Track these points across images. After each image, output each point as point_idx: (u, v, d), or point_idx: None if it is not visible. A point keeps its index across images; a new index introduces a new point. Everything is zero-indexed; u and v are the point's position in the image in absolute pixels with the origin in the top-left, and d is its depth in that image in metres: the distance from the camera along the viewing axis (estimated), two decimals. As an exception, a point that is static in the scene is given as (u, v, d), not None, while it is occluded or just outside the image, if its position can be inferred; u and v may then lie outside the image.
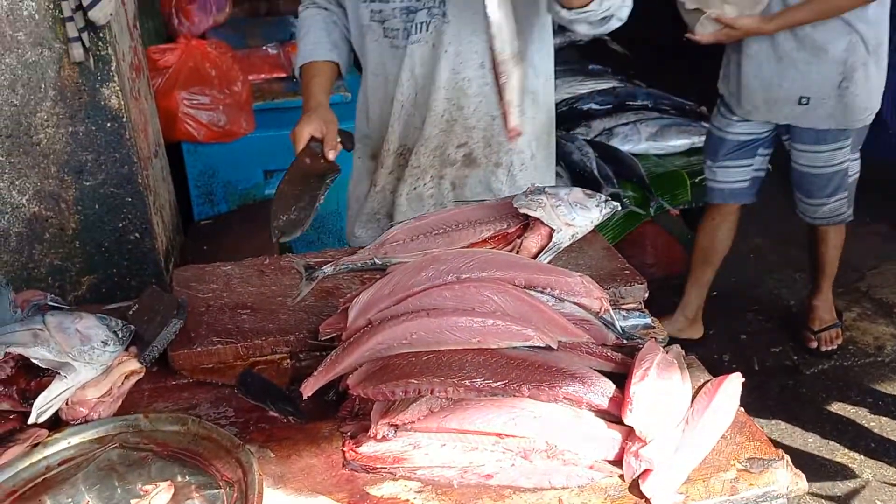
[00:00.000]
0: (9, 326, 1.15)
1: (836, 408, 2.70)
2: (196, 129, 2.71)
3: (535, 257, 1.39)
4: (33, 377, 1.15)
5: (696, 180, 3.03)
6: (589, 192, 1.47)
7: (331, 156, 1.62)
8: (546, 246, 1.40)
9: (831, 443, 2.55)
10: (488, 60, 1.49)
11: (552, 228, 1.39)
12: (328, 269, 1.46)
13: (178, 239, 2.46)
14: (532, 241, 1.41)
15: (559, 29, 4.79)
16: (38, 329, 1.13)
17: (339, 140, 1.66)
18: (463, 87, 1.70)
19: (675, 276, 3.49)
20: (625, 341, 1.22)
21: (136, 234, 2.09)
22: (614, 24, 1.56)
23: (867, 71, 2.54)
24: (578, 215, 1.42)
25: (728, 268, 3.44)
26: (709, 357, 2.91)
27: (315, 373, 1.14)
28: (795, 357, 2.96)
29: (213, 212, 2.80)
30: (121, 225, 2.07)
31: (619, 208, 1.53)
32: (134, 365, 1.20)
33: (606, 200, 1.45)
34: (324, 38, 1.76)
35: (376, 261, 1.46)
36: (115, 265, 2.11)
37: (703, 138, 3.26)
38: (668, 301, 3.30)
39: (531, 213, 1.39)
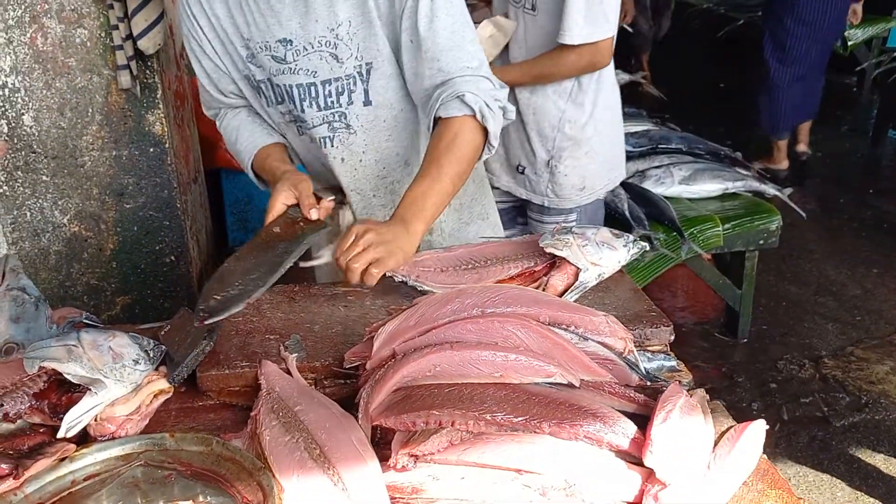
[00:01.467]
0: (44, 342, 1.18)
1: (867, 461, 2.64)
2: (231, 159, 2.77)
3: (561, 295, 1.40)
4: (64, 392, 1.18)
5: (729, 225, 3.01)
6: (616, 231, 1.48)
7: (313, 214, 1.48)
8: (572, 284, 1.41)
9: (861, 496, 2.49)
10: (413, 156, 1.59)
11: (578, 268, 1.40)
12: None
13: (211, 264, 2.50)
14: (558, 280, 1.42)
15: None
16: (73, 345, 1.16)
17: (331, 198, 1.55)
18: (394, 188, 1.67)
19: (706, 322, 3.47)
20: (648, 383, 1.22)
21: (172, 258, 2.14)
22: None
23: (575, 154, 2.28)
24: (605, 255, 1.42)
25: (759, 315, 3.42)
26: (738, 405, 2.88)
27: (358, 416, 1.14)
28: (826, 408, 2.90)
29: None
30: (157, 248, 2.12)
31: (647, 248, 1.53)
32: (163, 384, 1.23)
33: (634, 241, 1.46)
34: (257, 129, 1.67)
35: (407, 281, 1.45)
36: (150, 287, 2.15)
37: (737, 183, 3.26)
38: (699, 347, 3.28)
39: (557, 253, 1.40)
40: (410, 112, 1.60)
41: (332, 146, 1.61)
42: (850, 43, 6.00)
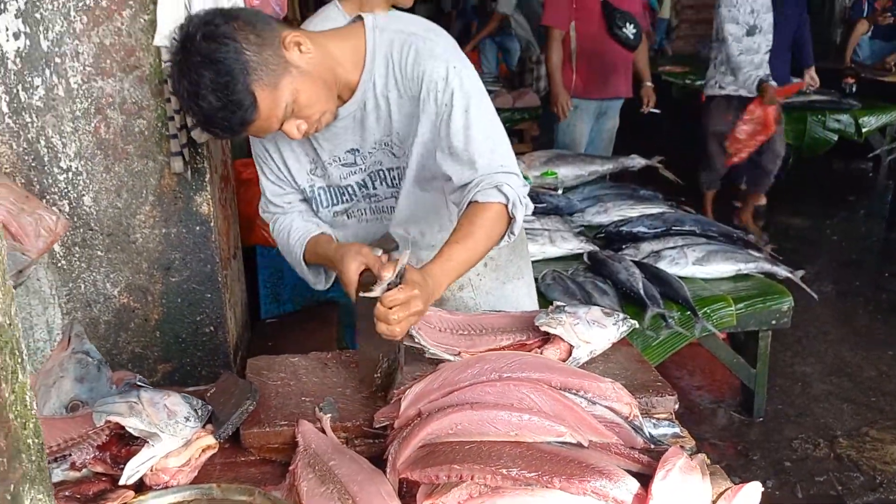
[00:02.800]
0: (109, 398, 1.32)
1: (882, 541, 2.67)
2: (269, 236, 2.95)
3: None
4: (124, 445, 1.32)
5: (742, 305, 3.12)
6: (607, 310, 1.62)
7: (386, 275, 1.56)
8: (565, 360, 1.54)
9: (876, 577, 2.52)
10: (427, 231, 1.80)
11: (571, 345, 1.53)
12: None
13: (245, 334, 2.64)
14: (552, 354, 1.54)
15: (612, 154, 5.03)
16: (134, 402, 1.30)
17: (381, 252, 1.66)
18: (417, 240, 1.86)
19: (722, 401, 3.54)
20: (652, 446, 1.33)
21: (211, 328, 2.28)
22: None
23: None
24: (595, 333, 1.56)
25: (774, 395, 3.49)
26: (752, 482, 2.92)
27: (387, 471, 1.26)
28: (840, 487, 2.94)
29: (279, 311, 3.00)
30: (198, 318, 2.26)
31: (636, 326, 1.65)
32: (210, 440, 1.36)
33: (624, 319, 1.59)
34: (309, 224, 1.85)
35: (411, 330, 1.52)
36: (190, 355, 2.29)
37: (749, 265, 3.38)
38: (715, 425, 3.34)
39: (551, 331, 1.53)
40: (426, 194, 1.77)
41: (369, 217, 1.85)
42: (864, 130, 6.18)
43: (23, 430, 0.76)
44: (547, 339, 1.55)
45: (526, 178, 4.02)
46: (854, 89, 6.58)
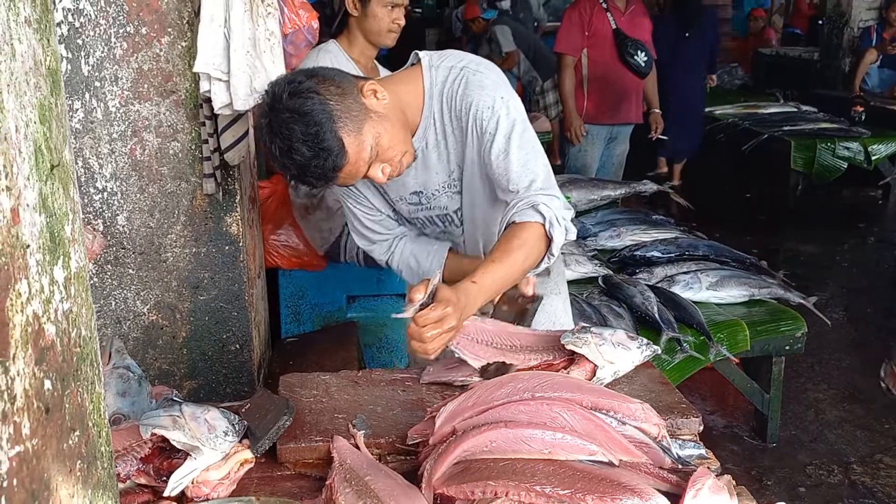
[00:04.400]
0: (154, 412, 1.36)
1: (897, 568, 2.68)
2: (278, 258, 3.01)
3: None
4: (165, 458, 1.36)
5: (755, 331, 3.15)
6: (631, 334, 1.66)
7: (529, 290, 1.77)
8: (590, 380, 1.57)
9: None
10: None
11: (596, 365, 1.56)
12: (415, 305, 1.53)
13: (267, 353, 2.69)
14: (578, 374, 1.58)
15: (624, 179, 5.11)
16: (177, 416, 1.35)
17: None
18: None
19: (736, 426, 3.55)
20: (680, 466, 1.36)
21: (237, 346, 2.32)
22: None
23: None
24: (620, 355, 1.60)
25: (788, 420, 3.50)
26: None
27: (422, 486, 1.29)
28: (855, 513, 2.96)
29: (300, 330, 3.04)
30: (224, 336, 2.31)
31: (659, 351, 1.69)
32: (247, 454, 1.40)
33: (647, 344, 1.64)
34: (430, 247, 1.99)
35: (451, 345, 1.58)
36: (215, 373, 2.33)
37: (762, 290, 3.41)
38: (729, 450, 3.36)
39: (577, 350, 1.57)
40: (488, 223, 1.89)
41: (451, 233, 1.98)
42: (874, 157, 6.23)
43: (98, 438, 0.80)
44: (572, 359, 1.59)
45: (567, 197, 4.09)
46: (863, 118, 6.63)
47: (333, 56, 2.88)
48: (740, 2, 11.95)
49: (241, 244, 2.23)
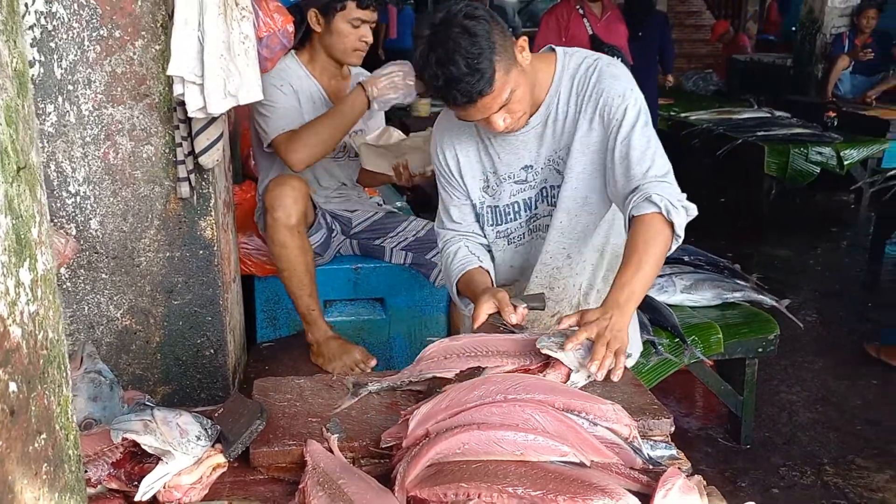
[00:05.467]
0: (125, 416, 1.35)
1: (868, 567, 2.71)
2: (252, 266, 2.99)
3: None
4: (137, 462, 1.35)
5: (729, 333, 3.18)
6: None
7: (512, 318, 1.78)
8: (564, 384, 1.58)
9: None
10: (574, 252, 2.01)
11: (570, 368, 1.58)
12: (372, 386, 1.65)
13: (243, 358, 2.68)
14: (553, 377, 1.59)
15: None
16: (148, 420, 1.34)
17: (524, 305, 1.82)
18: (553, 273, 2.06)
19: (710, 428, 3.58)
20: (651, 467, 1.38)
21: (211, 351, 2.31)
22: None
23: None
24: None
25: (762, 422, 3.54)
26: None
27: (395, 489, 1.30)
28: (827, 513, 2.99)
29: (276, 335, 3.03)
30: (199, 341, 2.30)
31: (633, 358, 1.73)
32: (220, 459, 1.39)
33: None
34: (470, 256, 2.05)
35: (411, 379, 1.65)
36: (189, 378, 2.32)
37: (735, 294, 3.44)
38: (703, 451, 3.38)
39: (552, 354, 1.58)
40: (581, 218, 1.98)
41: (524, 241, 2.07)
42: (846, 162, 6.31)
43: (66, 442, 0.80)
44: (548, 363, 1.59)
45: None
46: (836, 123, 6.72)
47: (291, 71, 2.80)
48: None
49: (215, 248, 2.22)
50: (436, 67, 1.69)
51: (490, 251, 2.12)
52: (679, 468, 1.41)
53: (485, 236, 2.11)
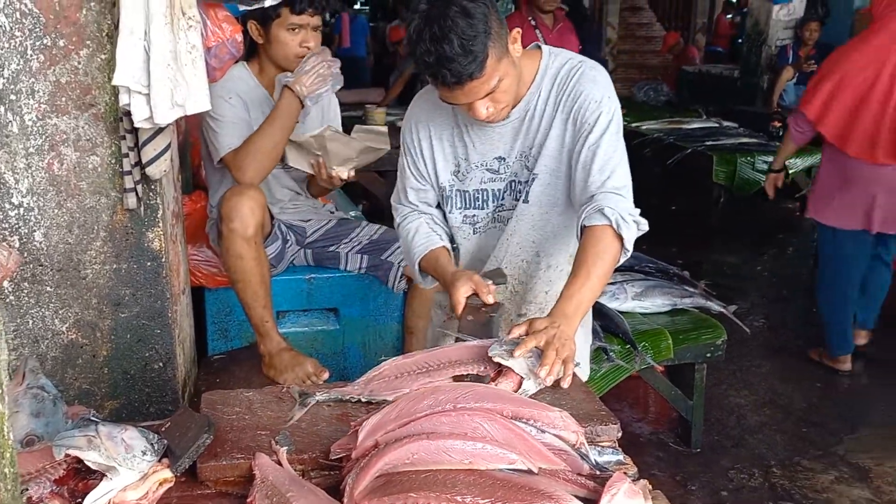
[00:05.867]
0: (69, 432, 1.33)
1: (814, 566, 2.78)
2: (202, 278, 2.96)
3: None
4: (81, 479, 1.33)
5: (678, 339, 3.24)
6: None
7: (490, 299, 1.86)
8: (517, 391, 1.60)
9: None
10: (543, 250, 2.05)
11: (521, 376, 1.59)
12: (320, 396, 1.65)
13: (193, 371, 2.64)
14: (505, 385, 1.61)
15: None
16: (92, 436, 1.32)
17: (489, 282, 1.90)
18: (524, 269, 2.09)
19: (661, 432, 3.64)
20: (598, 472, 1.40)
21: (160, 364, 2.28)
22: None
23: None
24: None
25: (711, 426, 3.61)
26: (690, 510, 3.02)
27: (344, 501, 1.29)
28: (775, 514, 3.06)
29: (227, 347, 3.00)
30: (147, 354, 2.26)
31: (580, 366, 1.76)
32: (167, 474, 1.37)
33: (576, 364, 1.68)
34: (432, 235, 2.08)
35: (362, 398, 1.64)
36: (138, 392, 2.28)
37: (685, 300, 3.51)
38: (655, 456, 3.44)
39: (503, 363, 1.59)
40: (558, 216, 2.01)
41: (489, 230, 2.08)
42: (791, 171, 6.48)
43: (1, 460, 0.79)
44: (501, 370, 1.61)
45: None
46: (781, 132, 6.89)
47: (241, 81, 2.78)
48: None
49: (163, 260, 2.19)
50: (429, 43, 1.68)
51: (451, 237, 2.14)
52: (625, 473, 1.43)
53: (447, 221, 2.13)
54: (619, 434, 1.59)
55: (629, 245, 1.83)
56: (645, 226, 1.88)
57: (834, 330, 4.10)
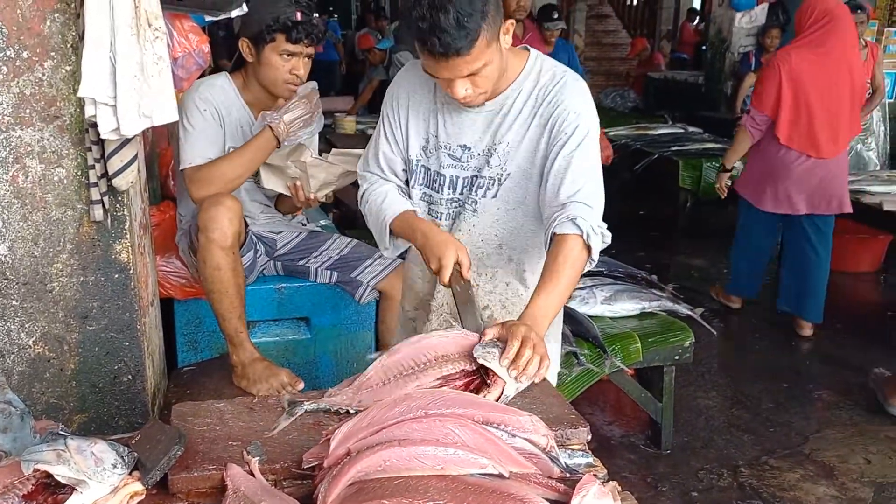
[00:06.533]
0: (37, 447, 1.32)
1: (782, 563, 2.82)
2: (171, 289, 2.94)
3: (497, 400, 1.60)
4: (50, 494, 1.31)
5: (647, 342, 3.28)
6: None
7: (470, 275, 1.93)
8: (499, 397, 1.61)
9: None
10: (505, 243, 2.05)
11: (503, 380, 1.60)
12: (308, 405, 1.65)
13: (163, 383, 2.62)
14: (494, 393, 1.61)
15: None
16: (61, 450, 1.31)
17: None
18: (483, 260, 2.09)
19: (632, 435, 3.68)
20: (568, 475, 1.42)
21: (129, 377, 2.26)
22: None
23: None
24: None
25: (681, 427, 3.66)
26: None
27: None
28: (743, 514, 3.11)
29: (197, 358, 2.98)
30: (116, 367, 2.25)
31: (563, 372, 1.77)
32: (138, 486, 1.36)
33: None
34: (403, 198, 2.10)
35: (350, 410, 1.62)
36: (107, 405, 2.26)
37: (653, 303, 3.56)
38: (626, 458, 3.47)
39: (486, 364, 1.60)
40: (522, 216, 2.03)
41: (457, 220, 2.07)
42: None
43: (-30, 475, 0.78)
44: (486, 372, 1.60)
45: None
46: (743, 137, 7.01)
47: (223, 92, 2.77)
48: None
49: (131, 272, 2.18)
50: (427, 10, 1.71)
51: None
52: (595, 475, 1.45)
53: (410, 196, 2.13)
54: (589, 437, 1.61)
55: (595, 255, 1.88)
56: (608, 239, 1.91)
57: (736, 276, 5.04)
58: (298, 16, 2.64)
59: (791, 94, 4.27)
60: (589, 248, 1.84)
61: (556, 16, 6.05)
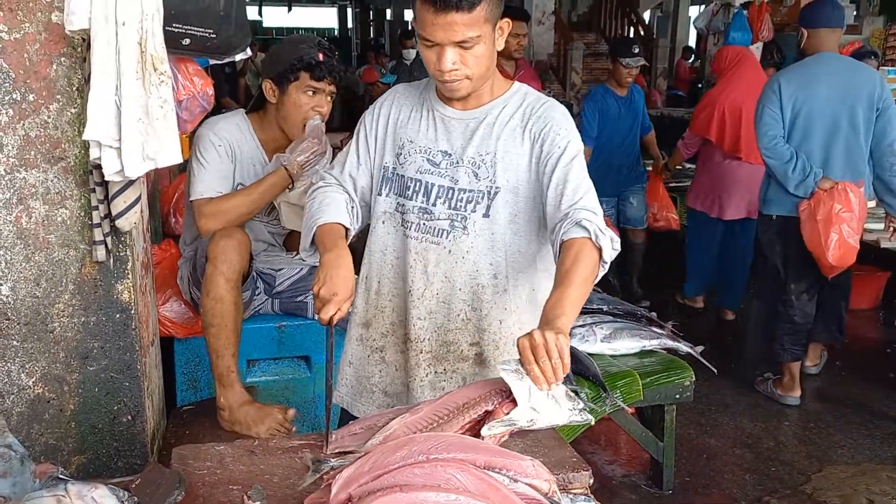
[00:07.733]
0: (37, 492, 1.31)
1: None
2: (170, 327, 2.94)
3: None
4: (49, 540, 1.30)
5: (648, 381, 3.27)
6: (571, 394, 1.63)
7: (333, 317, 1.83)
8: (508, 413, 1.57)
9: None
10: (500, 272, 1.99)
11: (515, 402, 1.56)
12: (334, 462, 1.57)
13: (162, 423, 2.61)
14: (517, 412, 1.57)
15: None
16: (61, 495, 1.30)
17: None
18: (478, 292, 2.02)
19: (633, 475, 3.65)
20: (570, 520, 1.41)
21: (129, 417, 2.26)
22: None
23: None
24: (547, 407, 1.58)
25: (682, 467, 3.63)
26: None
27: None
28: (746, 555, 3.07)
29: (197, 397, 2.97)
30: (115, 407, 2.24)
31: (592, 422, 1.68)
32: (138, 532, 1.36)
33: (582, 410, 1.63)
34: (343, 209, 2.03)
35: (378, 472, 1.55)
36: (106, 446, 2.25)
37: (653, 341, 3.55)
38: (627, 499, 3.44)
39: (506, 378, 1.55)
40: (511, 235, 1.99)
41: (447, 240, 2.00)
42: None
43: (-26, 527, 0.78)
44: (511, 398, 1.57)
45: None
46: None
47: (238, 130, 2.83)
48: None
49: (132, 311, 2.19)
50: None
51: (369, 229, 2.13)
52: (598, 520, 1.45)
53: (378, 206, 2.08)
54: (591, 480, 1.60)
55: (607, 257, 1.83)
56: (618, 245, 1.89)
57: (690, 279, 5.78)
58: (321, 56, 2.74)
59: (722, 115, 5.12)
60: (599, 250, 1.81)
61: (636, 50, 5.31)
